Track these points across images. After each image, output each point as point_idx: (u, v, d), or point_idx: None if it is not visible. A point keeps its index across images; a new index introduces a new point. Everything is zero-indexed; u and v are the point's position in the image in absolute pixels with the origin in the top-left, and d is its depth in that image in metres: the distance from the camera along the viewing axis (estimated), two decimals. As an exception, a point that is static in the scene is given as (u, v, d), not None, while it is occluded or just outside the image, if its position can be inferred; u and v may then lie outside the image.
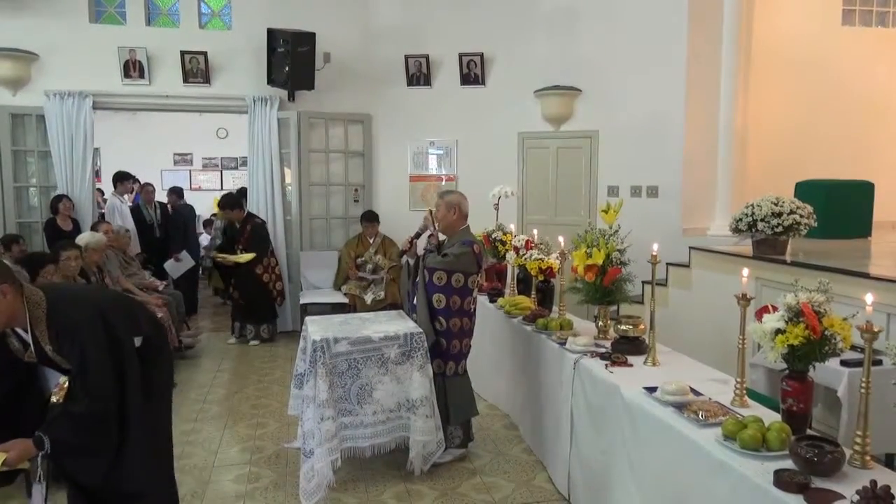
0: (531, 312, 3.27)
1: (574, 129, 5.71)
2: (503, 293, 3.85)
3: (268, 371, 4.65)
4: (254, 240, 5.22)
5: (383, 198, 5.99)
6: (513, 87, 5.79)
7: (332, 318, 3.24)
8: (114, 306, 1.80)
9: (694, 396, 2.08)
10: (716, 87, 5.14)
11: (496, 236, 3.96)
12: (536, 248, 3.51)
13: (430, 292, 2.86)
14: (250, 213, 5.42)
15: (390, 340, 2.77)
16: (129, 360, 1.77)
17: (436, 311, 2.85)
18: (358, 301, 5.31)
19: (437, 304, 2.82)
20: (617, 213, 2.79)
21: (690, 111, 5.17)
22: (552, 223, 5.55)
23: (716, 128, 5.19)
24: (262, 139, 5.61)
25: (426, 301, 2.86)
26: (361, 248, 5.63)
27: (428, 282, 2.85)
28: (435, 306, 2.84)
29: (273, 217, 5.67)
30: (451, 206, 3.05)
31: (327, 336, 2.73)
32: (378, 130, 5.95)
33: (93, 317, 1.73)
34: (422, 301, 2.87)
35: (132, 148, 8.83)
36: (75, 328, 1.71)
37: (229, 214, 5.33)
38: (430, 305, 2.85)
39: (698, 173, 5.20)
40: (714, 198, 5.22)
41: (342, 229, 6.02)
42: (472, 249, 2.96)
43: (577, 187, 5.73)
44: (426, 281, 2.85)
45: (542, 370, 2.97)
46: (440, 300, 2.84)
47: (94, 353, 1.71)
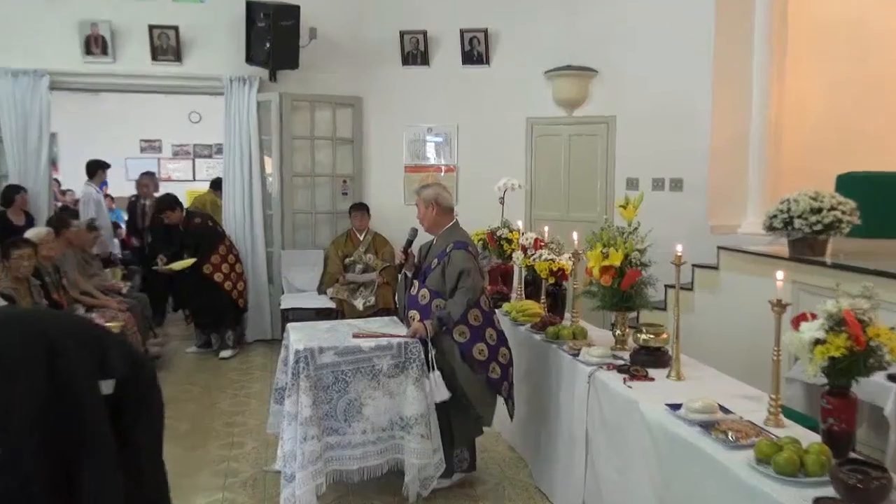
0: (540, 319, 3.26)
1: (589, 114, 5.70)
2: (509, 298, 3.83)
3: (244, 384, 4.63)
4: (193, 242, 5.19)
5: (375, 190, 5.98)
6: (520, 67, 5.78)
7: (316, 324, 3.24)
8: (68, 336, 1.38)
9: (723, 415, 2.08)
10: (747, 68, 5.13)
11: (501, 234, 3.95)
12: (546, 248, 3.50)
13: (459, 345, 2.87)
14: (190, 213, 5.40)
15: (382, 350, 2.76)
16: (90, 416, 1.36)
17: (464, 346, 2.88)
18: (346, 306, 5.30)
19: (461, 338, 2.86)
20: (636, 209, 2.78)
21: (719, 94, 5.16)
22: (564, 219, 5.54)
23: (747, 112, 5.18)
24: (239, 124, 5.59)
25: (459, 357, 2.87)
26: (350, 247, 5.62)
27: (447, 334, 2.87)
28: (458, 340, 2.86)
29: (251, 211, 5.66)
30: (428, 202, 3.01)
31: (311, 345, 2.72)
32: (370, 115, 5.93)
33: (31, 351, 1.31)
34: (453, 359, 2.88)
35: (93, 133, 8.79)
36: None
37: (168, 218, 5.27)
38: (463, 355, 2.87)
39: (727, 164, 5.20)
40: (745, 191, 5.22)
41: (328, 225, 6.00)
42: (469, 252, 2.95)
43: (591, 179, 5.72)
44: (447, 337, 2.87)
45: (553, 384, 2.97)
46: (464, 333, 2.87)
47: (26, 404, 1.28)
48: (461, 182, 5.98)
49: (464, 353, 2.86)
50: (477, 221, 4.10)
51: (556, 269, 3.32)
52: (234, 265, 5.33)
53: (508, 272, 4.06)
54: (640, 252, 2.73)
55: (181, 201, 5.35)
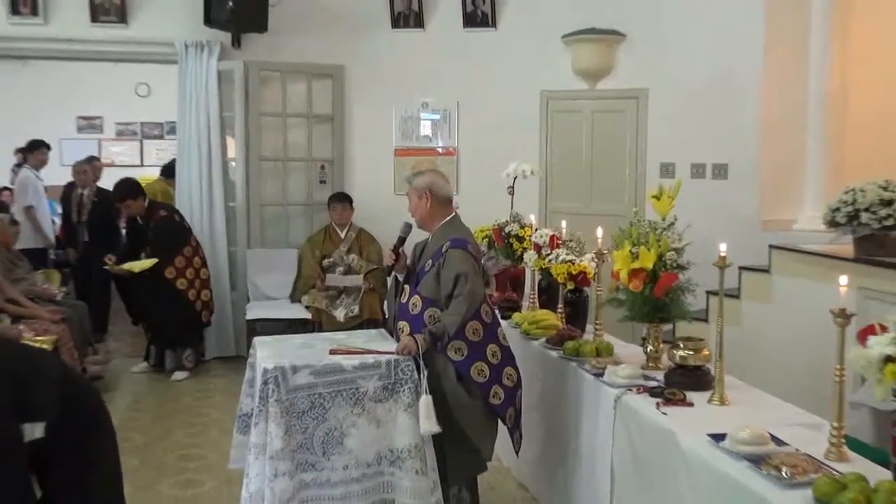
0: (557, 333, 3.26)
1: (615, 86, 5.68)
2: (519, 306, 3.82)
3: (202, 410, 4.62)
4: (157, 239, 5.17)
5: (360, 178, 5.96)
6: (533, 30, 5.77)
7: (289, 339, 3.23)
8: None
9: (776, 447, 2.08)
10: (804, 33, 5.12)
11: (510, 230, 3.94)
12: (565, 247, 3.50)
13: (454, 363, 2.88)
14: (154, 204, 5.39)
15: (368, 370, 2.76)
16: (8, 467, 1.27)
17: (460, 364, 2.90)
18: (324, 317, 5.30)
19: (458, 355, 2.87)
20: (673, 200, 2.77)
21: (771, 64, 5.15)
22: (586, 213, 5.51)
23: (804, 87, 5.16)
24: (196, 98, 5.58)
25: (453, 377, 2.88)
26: (329, 245, 5.61)
27: (441, 352, 2.88)
28: (453, 357, 2.88)
29: (210, 203, 5.66)
30: (421, 191, 3.00)
31: (283, 363, 2.71)
32: (353, 88, 5.92)
33: None
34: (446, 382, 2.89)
35: (21, 109, 8.76)
36: None
37: (127, 208, 5.28)
38: (460, 376, 2.88)
39: (781, 147, 5.19)
40: (802, 180, 5.20)
41: (304, 220, 5.98)
42: (468, 251, 2.95)
43: (619, 165, 5.71)
44: (441, 354, 2.89)
45: (572, 410, 2.96)
46: (460, 349, 2.87)
47: None
48: (462, 168, 5.97)
49: (460, 374, 2.85)
50: (481, 215, 4.09)
51: (577, 272, 3.31)
52: (200, 270, 5.33)
53: (519, 276, 4.03)
54: (676, 252, 2.72)
55: (138, 190, 5.34)
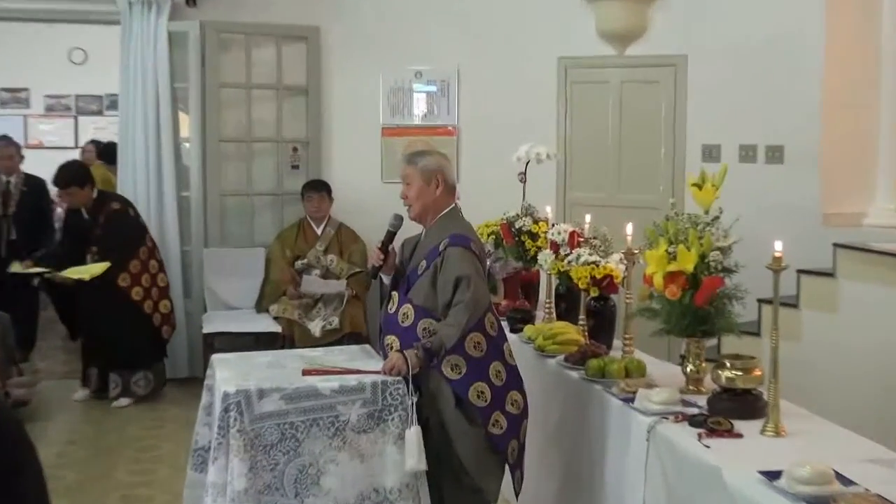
0: (579, 349, 3.24)
1: (648, 52, 5.66)
2: (532, 317, 3.81)
3: (150, 443, 4.61)
4: (109, 238, 5.14)
5: (340, 163, 5.94)
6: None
7: (254, 357, 3.24)
8: None
9: (841, 487, 2.07)
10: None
11: (522, 225, 3.92)
12: (587, 246, 3.48)
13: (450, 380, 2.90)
14: (105, 195, 5.36)
15: (350, 394, 2.75)
16: None
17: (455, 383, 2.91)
18: (297, 330, 5.28)
19: (454, 374, 2.88)
20: (717, 190, 2.76)
21: (834, 27, 5.13)
22: (613, 204, 5.49)
23: (876, 52, 5.15)
24: (142, 67, 5.57)
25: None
26: (303, 244, 5.58)
27: (436, 369, 2.90)
28: (449, 376, 2.89)
29: (159, 192, 5.63)
30: (430, 174, 3.01)
31: (247, 386, 2.71)
32: (331, 54, 5.91)
33: None
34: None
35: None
36: None
37: (72, 197, 5.25)
38: (458, 399, 2.89)
39: (848, 126, 5.18)
40: (874, 165, 5.19)
41: (272, 213, 5.96)
42: (471, 251, 2.96)
43: (652, 147, 5.69)
44: (436, 372, 2.90)
45: (596, 442, 2.96)
46: (458, 366, 2.89)
47: None
48: (464, 151, 5.96)
49: (458, 396, 2.86)
50: (486, 208, 4.08)
51: (602, 276, 3.29)
52: (157, 276, 5.33)
53: (532, 281, 4.03)
54: (721, 252, 2.69)
55: (86, 176, 5.30)
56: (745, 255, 2.79)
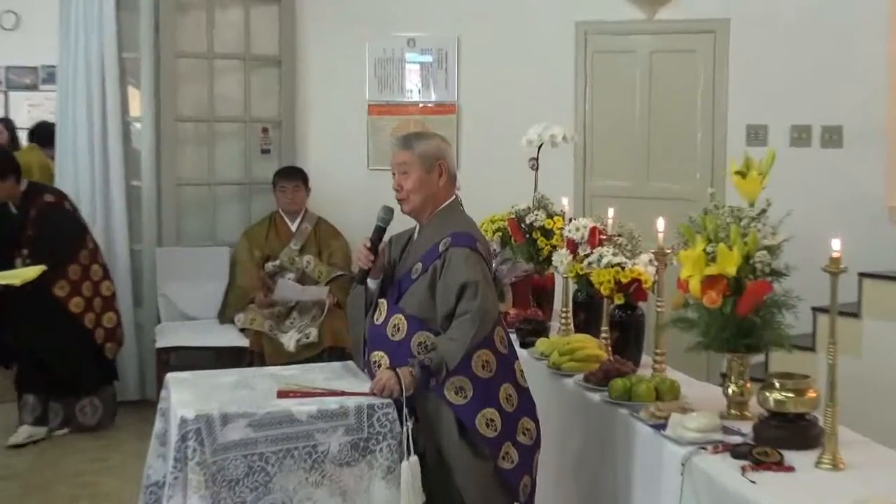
0: (601, 367, 3.24)
1: (683, 17, 5.56)
2: (546, 329, 3.84)
3: (92, 479, 4.60)
4: (43, 238, 5.09)
5: (318, 146, 5.96)
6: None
7: (217, 376, 3.24)
8: None
9: (912, 530, 2.11)
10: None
11: (534, 220, 3.95)
12: (611, 244, 3.50)
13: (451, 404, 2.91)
14: (36, 186, 5.34)
15: (330, 420, 2.75)
16: None
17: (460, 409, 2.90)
18: (268, 345, 5.31)
19: (459, 398, 2.87)
20: (765, 178, 2.78)
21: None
22: (641, 196, 5.53)
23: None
24: (85, 34, 5.56)
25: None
26: (276, 242, 5.60)
27: (436, 392, 2.90)
28: (454, 401, 2.88)
29: (105, 182, 5.62)
30: (432, 160, 3.03)
31: (208, 411, 2.71)
32: (308, 18, 5.93)
33: None
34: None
35: None
36: None
37: None
38: (462, 427, 2.89)
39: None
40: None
41: (238, 206, 5.99)
42: (477, 252, 2.97)
43: (688, 127, 5.69)
44: (436, 396, 2.91)
45: (622, 475, 2.97)
46: (462, 389, 2.88)
47: None
48: (464, 132, 5.97)
49: (463, 425, 2.87)
50: (491, 200, 4.10)
51: (628, 280, 3.31)
52: (101, 284, 5.30)
53: (545, 287, 4.05)
54: (770, 251, 2.70)
55: (17, 162, 5.26)
56: (798, 256, 2.79)
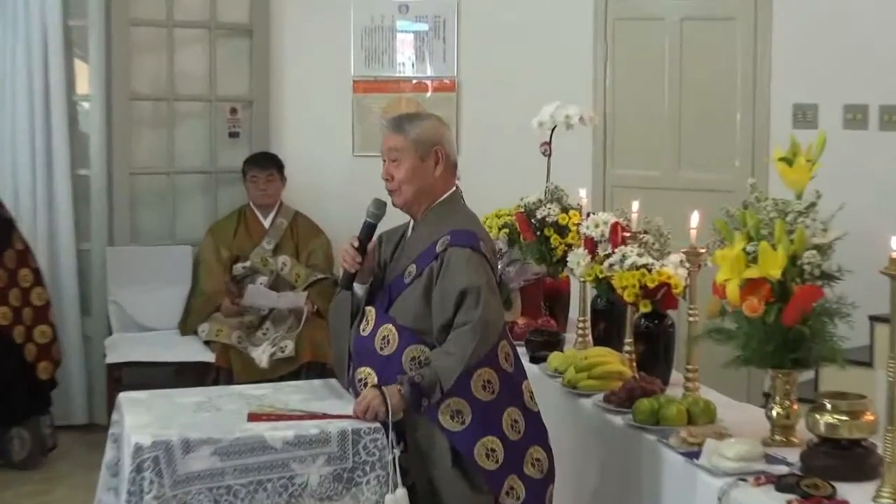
0: (624, 385, 3.25)
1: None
2: (560, 342, 3.87)
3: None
4: None
5: (295, 129, 6.01)
6: None
7: (177, 396, 3.26)
8: None
9: None
10: None
11: (545, 216, 3.98)
12: (636, 243, 3.52)
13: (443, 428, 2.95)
14: None
15: (309, 447, 2.77)
16: None
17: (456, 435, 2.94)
18: (236, 359, 5.34)
19: (455, 424, 2.89)
20: (815, 166, 2.79)
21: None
22: (671, 187, 5.56)
23: None
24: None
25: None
26: (246, 241, 5.64)
27: (428, 416, 2.93)
28: (449, 427, 2.91)
29: (47, 171, 5.66)
30: (427, 146, 3.05)
31: (167, 437, 2.72)
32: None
33: None
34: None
35: None
36: None
37: None
38: (456, 456, 2.93)
39: None
40: None
41: (202, 199, 6.04)
42: (480, 252, 2.99)
43: (725, 108, 5.71)
44: (428, 419, 2.95)
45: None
46: (460, 413, 2.91)
47: None
48: (465, 112, 6.00)
49: (458, 453, 2.90)
50: (496, 191, 4.13)
51: (656, 284, 3.33)
52: (31, 291, 5.31)
53: (559, 292, 4.10)
54: (820, 251, 2.70)
55: None
56: (852, 256, 2.78)
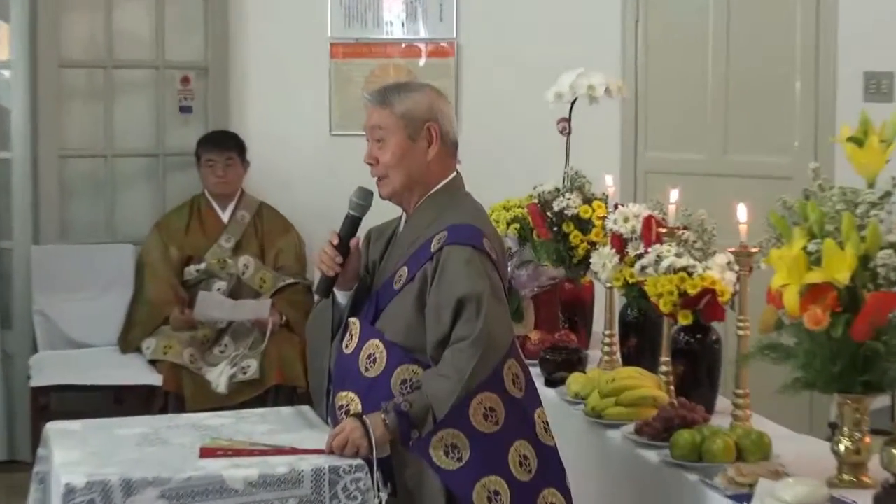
0: (660, 414, 3.28)
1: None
2: (581, 360, 3.92)
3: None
4: None
5: (259, 103, 6.08)
6: None
7: (117, 426, 3.26)
8: None
9: None
10: None
11: (564, 207, 4.02)
12: (674, 241, 3.52)
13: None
14: None
15: (277, 488, 2.79)
16: None
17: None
18: (189, 382, 5.37)
19: (451, 461, 2.91)
20: (891, 147, 2.81)
21: None
22: (716, 172, 5.62)
23: None
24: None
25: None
26: (199, 238, 5.71)
27: (418, 451, 2.96)
28: (442, 465, 2.94)
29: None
30: (418, 122, 3.08)
31: (105, 476, 2.71)
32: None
33: None
34: None
35: None
36: None
37: None
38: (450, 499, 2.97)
39: None
40: None
41: (147, 187, 6.08)
42: (484, 252, 3.02)
43: (781, 77, 5.74)
44: (417, 454, 2.98)
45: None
46: (456, 448, 2.93)
47: None
48: (466, 82, 6.08)
49: (453, 496, 2.94)
50: (504, 178, 4.18)
51: (698, 291, 3.33)
52: None
53: (581, 300, 4.16)
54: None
55: None
56: None
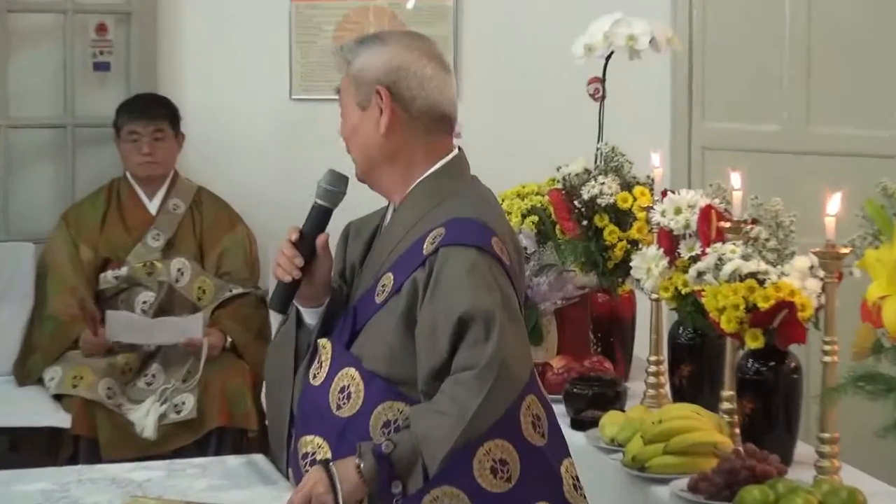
0: (721, 465, 3.36)
1: None
2: (619, 395, 4.07)
3: None
4: None
5: (197, 59, 6.40)
6: None
7: (13, 480, 3.48)
8: None
9: None
10: None
11: (595, 195, 4.21)
12: (740, 238, 3.61)
13: None
14: None
15: None
16: None
17: None
18: (106, 424, 5.58)
19: None
20: None
21: None
22: (795, 150, 5.82)
23: None
24: None
25: None
26: (119, 233, 5.94)
27: None
28: None
29: None
30: (367, 85, 3.14)
31: None
32: None
33: None
34: None
35: None
36: None
37: None
38: None
39: None
40: None
41: (53, 167, 6.48)
42: (491, 254, 3.05)
43: (879, 34, 5.89)
44: None
45: None
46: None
47: None
48: (468, 32, 6.41)
49: None
50: (519, 157, 4.11)
51: (771, 304, 3.41)
52: None
53: (618, 317, 4.35)
54: None
55: None
56: None
